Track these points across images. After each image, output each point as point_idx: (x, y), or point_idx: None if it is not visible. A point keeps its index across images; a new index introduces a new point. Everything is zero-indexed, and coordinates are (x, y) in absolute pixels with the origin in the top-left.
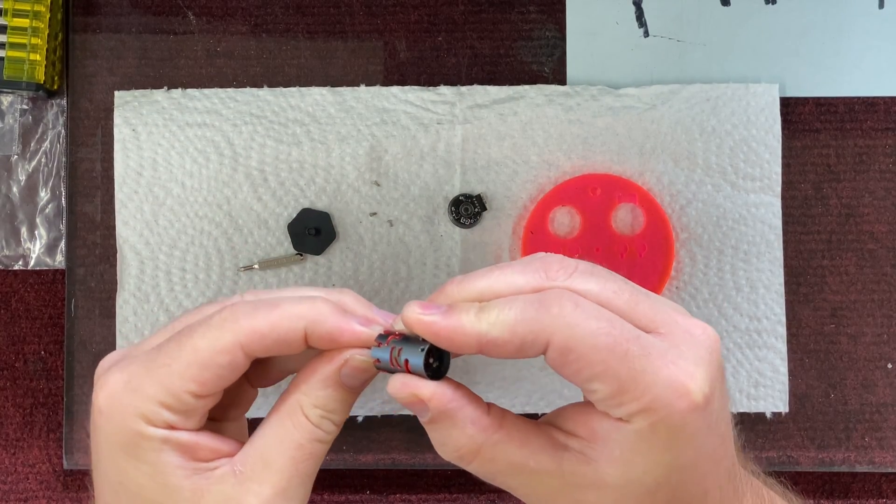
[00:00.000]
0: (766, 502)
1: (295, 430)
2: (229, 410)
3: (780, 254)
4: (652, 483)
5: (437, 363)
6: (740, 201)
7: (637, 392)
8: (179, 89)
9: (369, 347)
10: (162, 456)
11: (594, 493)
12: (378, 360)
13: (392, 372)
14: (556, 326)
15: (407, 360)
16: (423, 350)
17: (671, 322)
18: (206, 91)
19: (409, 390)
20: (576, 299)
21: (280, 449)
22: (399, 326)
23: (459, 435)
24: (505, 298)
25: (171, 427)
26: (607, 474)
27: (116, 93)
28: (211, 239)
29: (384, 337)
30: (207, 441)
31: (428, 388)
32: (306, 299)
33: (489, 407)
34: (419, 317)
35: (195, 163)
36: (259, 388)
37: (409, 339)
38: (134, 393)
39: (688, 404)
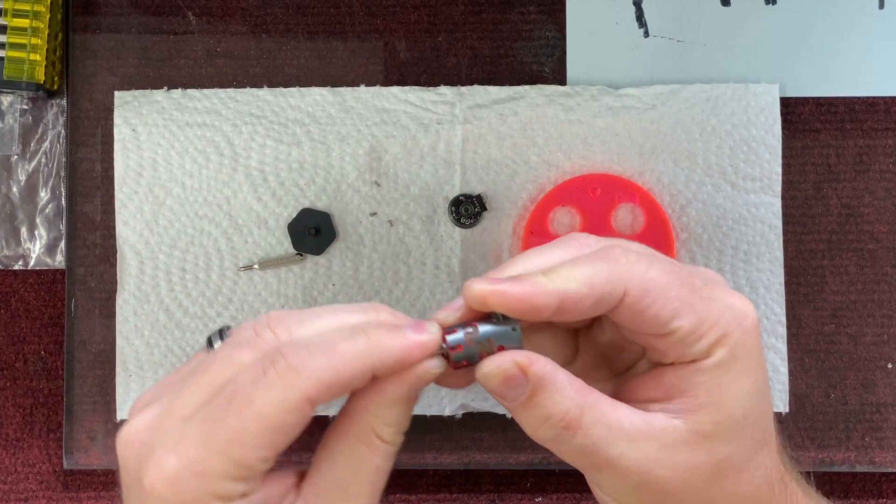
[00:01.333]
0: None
1: (370, 453)
2: None
3: (780, 254)
4: (741, 415)
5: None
6: (740, 201)
7: (713, 319)
8: (179, 89)
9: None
10: None
11: (687, 450)
12: (458, 363)
13: (472, 364)
14: (631, 273)
15: (501, 346)
16: (514, 329)
17: (711, 290)
18: (206, 91)
19: (510, 361)
20: (634, 248)
21: (358, 475)
22: (451, 318)
23: (562, 399)
24: (570, 260)
25: (245, 495)
26: (696, 423)
27: (116, 93)
28: (211, 239)
29: (453, 334)
30: (274, 488)
31: (526, 356)
32: (359, 332)
33: (573, 365)
34: (493, 288)
35: (195, 163)
36: None
37: (484, 324)
38: (201, 477)
39: (750, 323)
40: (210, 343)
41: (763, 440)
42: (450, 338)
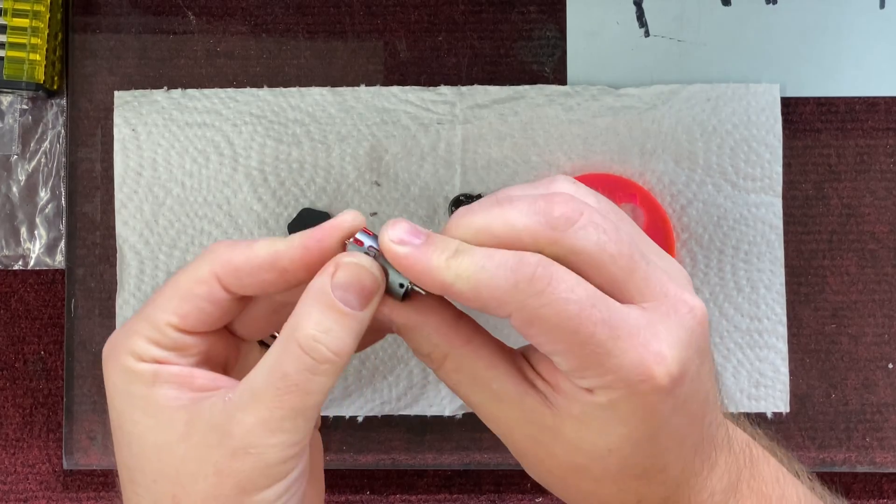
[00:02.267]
0: (745, 474)
1: (282, 356)
2: None
3: (780, 254)
4: (604, 447)
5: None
6: (741, 201)
7: (599, 371)
8: (179, 89)
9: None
10: (154, 389)
11: (550, 437)
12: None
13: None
14: (519, 303)
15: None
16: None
17: (660, 294)
18: (206, 91)
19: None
20: (551, 273)
21: (266, 377)
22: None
23: (425, 343)
24: (484, 251)
25: (161, 362)
26: (565, 425)
27: (116, 93)
28: (211, 239)
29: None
30: (205, 374)
31: (387, 309)
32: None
33: (459, 322)
34: (391, 246)
35: (195, 163)
36: None
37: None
38: (126, 334)
39: (651, 388)
40: None
41: (640, 475)
42: (359, 236)
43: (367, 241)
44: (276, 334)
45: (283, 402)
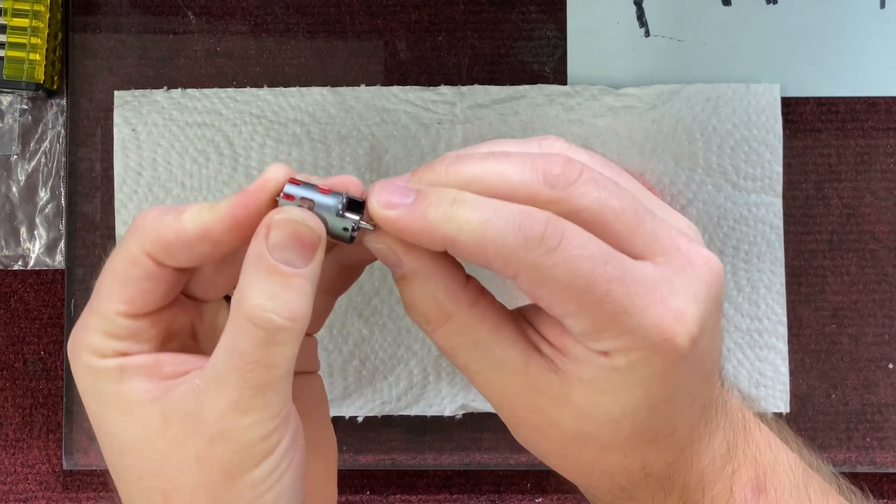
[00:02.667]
0: (740, 440)
1: (235, 334)
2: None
3: (781, 254)
4: (618, 412)
5: (355, 228)
6: (741, 201)
7: (616, 332)
8: (179, 89)
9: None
10: (123, 385)
11: (555, 403)
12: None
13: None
14: (528, 261)
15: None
16: (342, 204)
17: (672, 248)
18: (206, 91)
19: (385, 242)
20: (562, 230)
21: (225, 358)
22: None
23: (429, 300)
24: (489, 203)
25: (125, 354)
26: (573, 391)
27: (116, 93)
28: None
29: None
30: (172, 358)
31: (400, 250)
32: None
33: (468, 279)
34: (380, 213)
35: (195, 163)
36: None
37: (315, 188)
38: (82, 331)
39: (671, 348)
40: None
41: (650, 439)
42: (288, 189)
43: (299, 192)
44: None
45: (248, 380)
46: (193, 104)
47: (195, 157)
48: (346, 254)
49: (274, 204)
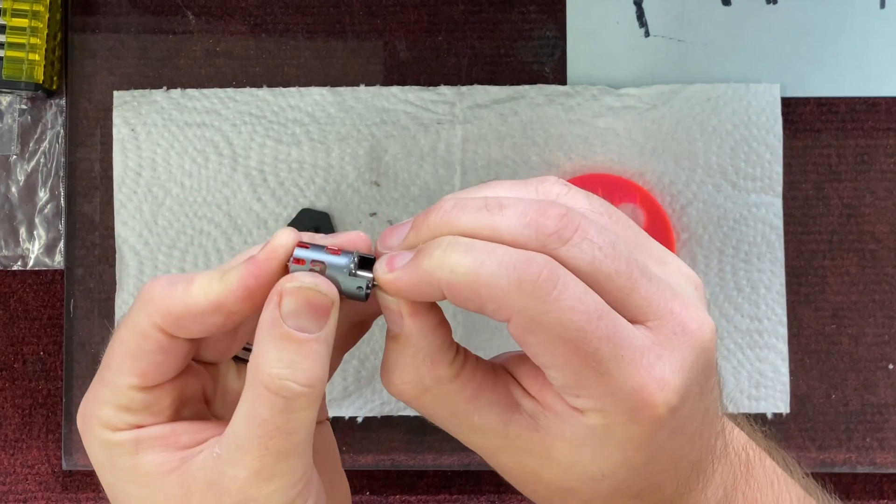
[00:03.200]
0: (741, 482)
1: (254, 402)
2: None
3: (781, 254)
4: (598, 472)
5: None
6: (741, 201)
7: (596, 392)
8: (178, 89)
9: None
10: (139, 458)
11: (536, 460)
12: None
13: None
14: (521, 305)
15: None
16: (354, 264)
17: (666, 313)
18: (206, 91)
19: (395, 301)
20: (556, 279)
21: (245, 427)
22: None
23: (410, 372)
24: (486, 246)
25: (138, 426)
26: (554, 448)
27: (115, 93)
28: (210, 239)
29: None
30: (187, 427)
31: (410, 307)
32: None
33: (456, 353)
34: (385, 280)
35: (194, 163)
36: None
37: (324, 249)
38: (93, 405)
39: (649, 416)
40: None
41: (635, 496)
42: (298, 253)
43: (310, 256)
44: (249, 345)
45: (269, 448)
46: (193, 104)
47: (194, 158)
48: (356, 311)
49: (285, 269)
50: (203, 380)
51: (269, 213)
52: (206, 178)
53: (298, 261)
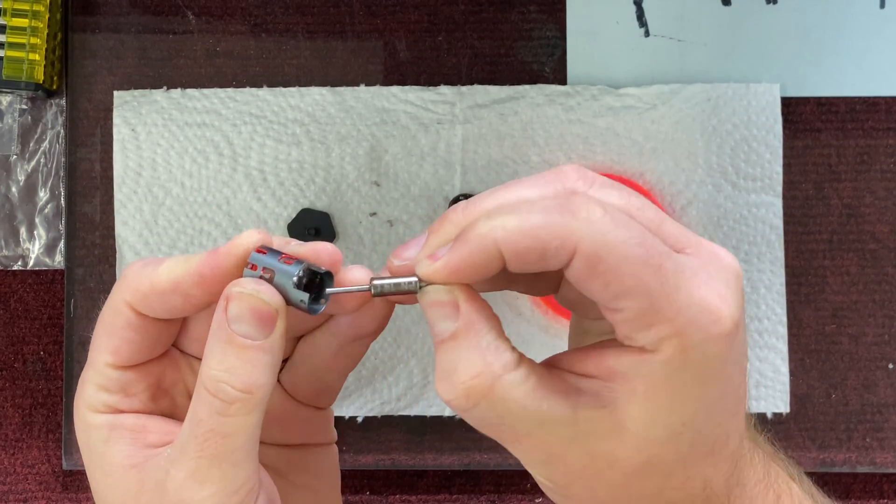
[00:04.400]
0: (771, 467)
1: (195, 402)
2: None
3: (781, 254)
4: (677, 423)
5: (315, 294)
6: (741, 201)
7: (669, 312)
8: (179, 89)
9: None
10: (109, 447)
11: (611, 441)
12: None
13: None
14: (584, 232)
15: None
16: (297, 276)
17: (697, 243)
18: (206, 91)
19: (449, 292)
20: (603, 205)
21: (188, 428)
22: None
23: (477, 362)
24: (522, 203)
25: (116, 410)
26: (627, 417)
27: (116, 93)
28: (210, 239)
29: (270, 257)
30: (160, 425)
31: (466, 293)
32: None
33: (505, 338)
34: (431, 268)
35: (194, 163)
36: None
37: (279, 256)
38: (81, 385)
39: (720, 330)
40: None
41: (709, 451)
42: (254, 258)
43: (262, 261)
44: None
45: (204, 449)
46: (193, 104)
47: (195, 157)
48: (342, 330)
49: (243, 268)
50: (185, 373)
51: (270, 213)
52: (206, 178)
53: (253, 266)
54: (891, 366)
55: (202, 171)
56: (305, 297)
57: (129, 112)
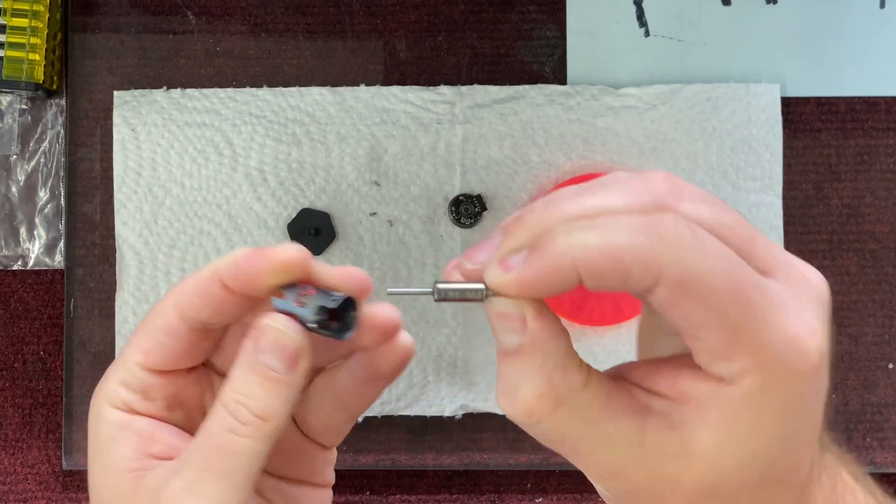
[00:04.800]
0: (838, 482)
1: (210, 418)
2: None
3: None
4: (749, 455)
5: (340, 325)
6: (741, 201)
7: (754, 346)
8: (179, 89)
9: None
10: (114, 445)
11: (677, 464)
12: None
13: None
14: (671, 259)
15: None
16: (328, 307)
17: (787, 265)
18: (206, 91)
19: (517, 305)
20: (693, 228)
21: (197, 440)
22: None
23: (541, 382)
24: (605, 215)
25: (131, 410)
26: (697, 443)
27: (116, 93)
28: (210, 239)
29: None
30: (166, 435)
31: (535, 307)
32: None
33: (573, 352)
34: (502, 279)
35: (194, 163)
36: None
37: (305, 290)
38: (105, 376)
39: (806, 365)
40: None
41: (778, 481)
42: (286, 294)
43: (293, 292)
44: None
45: (208, 462)
46: (193, 104)
47: (195, 157)
48: (359, 369)
49: (272, 291)
50: (206, 393)
51: (269, 212)
52: (206, 178)
53: (279, 294)
54: (891, 366)
55: (202, 171)
56: (335, 325)
57: (129, 112)
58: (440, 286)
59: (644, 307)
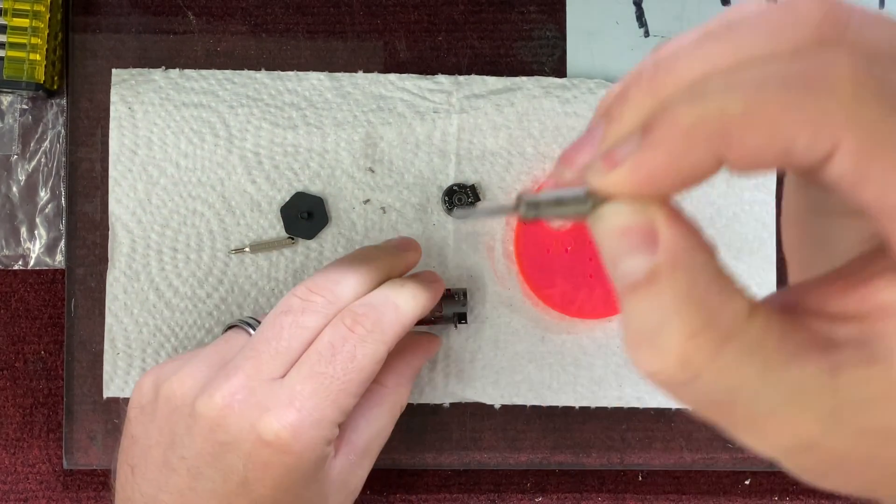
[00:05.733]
0: None
1: (392, 422)
2: None
3: (772, 252)
4: None
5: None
6: (735, 199)
7: None
8: (177, 69)
9: None
10: (325, 465)
11: (885, 410)
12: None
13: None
14: (851, 113)
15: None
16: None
17: None
18: (204, 72)
19: (645, 211)
20: (871, 71)
21: (379, 440)
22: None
23: (694, 315)
24: (747, 66)
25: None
26: None
27: (114, 70)
28: (203, 220)
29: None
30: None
31: (666, 212)
32: (405, 285)
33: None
34: (613, 178)
35: (190, 143)
36: None
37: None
38: (319, 424)
39: None
40: (244, 325)
41: None
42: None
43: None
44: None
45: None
46: (190, 84)
47: (190, 138)
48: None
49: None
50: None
51: (263, 195)
52: (201, 159)
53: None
54: None
55: (197, 152)
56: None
57: (126, 90)
58: (528, 199)
59: (794, 198)
